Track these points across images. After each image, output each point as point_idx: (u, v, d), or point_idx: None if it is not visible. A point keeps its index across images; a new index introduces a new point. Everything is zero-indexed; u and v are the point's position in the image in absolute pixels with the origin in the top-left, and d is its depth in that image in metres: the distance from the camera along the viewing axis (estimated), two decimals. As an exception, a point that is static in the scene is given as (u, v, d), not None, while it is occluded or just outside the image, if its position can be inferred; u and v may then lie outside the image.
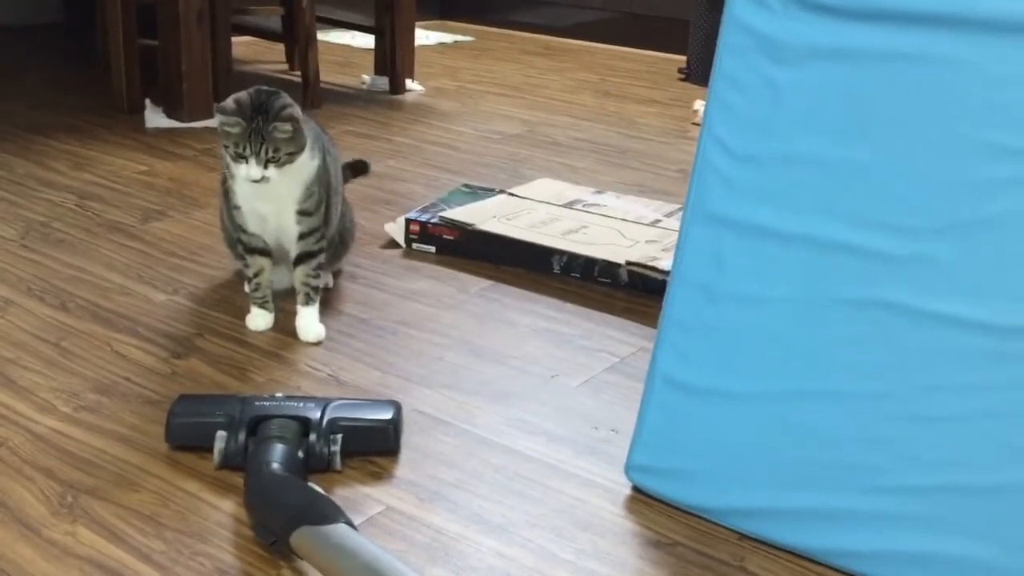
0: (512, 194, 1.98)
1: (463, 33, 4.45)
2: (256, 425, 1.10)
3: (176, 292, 1.57)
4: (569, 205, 1.94)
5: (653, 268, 1.63)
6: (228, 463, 1.10)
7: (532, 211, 1.88)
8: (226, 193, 1.45)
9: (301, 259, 1.46)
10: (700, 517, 1.07)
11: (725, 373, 1.06)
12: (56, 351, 1.36)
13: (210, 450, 1.11)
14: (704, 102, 3.22)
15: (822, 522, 0.99)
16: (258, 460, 1.03)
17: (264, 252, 1.46)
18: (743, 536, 1.04)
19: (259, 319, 1.46)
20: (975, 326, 0.95)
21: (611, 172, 2.35)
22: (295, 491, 0.98)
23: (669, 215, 1.92)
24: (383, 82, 3.10)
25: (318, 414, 1.12)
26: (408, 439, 1.19)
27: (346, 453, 1.12)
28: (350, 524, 0.92)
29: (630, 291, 1.65)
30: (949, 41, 0.97)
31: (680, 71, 3.64)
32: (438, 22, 4.71)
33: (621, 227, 1.82)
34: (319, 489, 1.00)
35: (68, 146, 2.33)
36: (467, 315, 1.55)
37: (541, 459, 1.17)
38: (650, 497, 1.10)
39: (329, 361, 1.38)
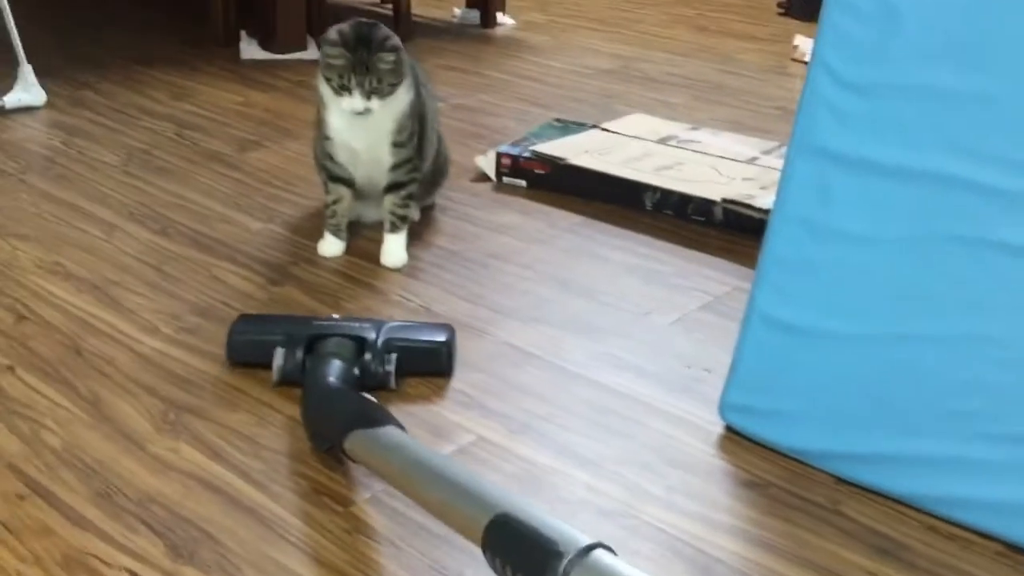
0: (604, 129, 1.94)
1: (555, -34, 4.35)
2: (313, 343, 1.12)
3: (271, 220, 1.59)
4: (663, 141, 1.89)
5: (750, 206, 1.58)
6: (286, 379, 1.11)
7: (625, 146, 1.84)
8: (319, 123, 1.45)
9: (391, 188, 1.47)
10: (795, 459, 1.04)
11: (827, 312, 1.02)
12: (158, 275, 1.40)
13: (271, 367, 1.12)
14: (804, 38, 3.09)
15: (926, 468, 0.96)
16: (314, 375, 1.05)
17: (347, 183, 1.47)
18: (839, 480, 1.01)
19: (331, 246, 1.48)
20: (1103, 270, 0.89)
21: (706, 109, 2.28)
22: (347, 400, 1.00)
23: (767, 152, 1.85)
24: (474, 15, 3.06)
25: (374, 334, 1.13)
26: (498, 371, 1.19)
27: (400, 373, 1.13)
28: (400, 427, 0.94)
29: (725, 229, 1.61)
30: (1092, -39, 0.90)
31: (779, 5, 3.50)
32: (530, -45, 4.62)
33: (717, 164, 1.77)
34: (372, 398, 1.01)
35: (168, 77, 2.37)
36: (557, 250, 1.54)
37: (631, 395, 1.16)
38: (743, 437, 1.08)
39: (420, 292, 1.38)
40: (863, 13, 1.01)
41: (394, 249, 1.46)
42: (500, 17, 3.07)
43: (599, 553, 0.70)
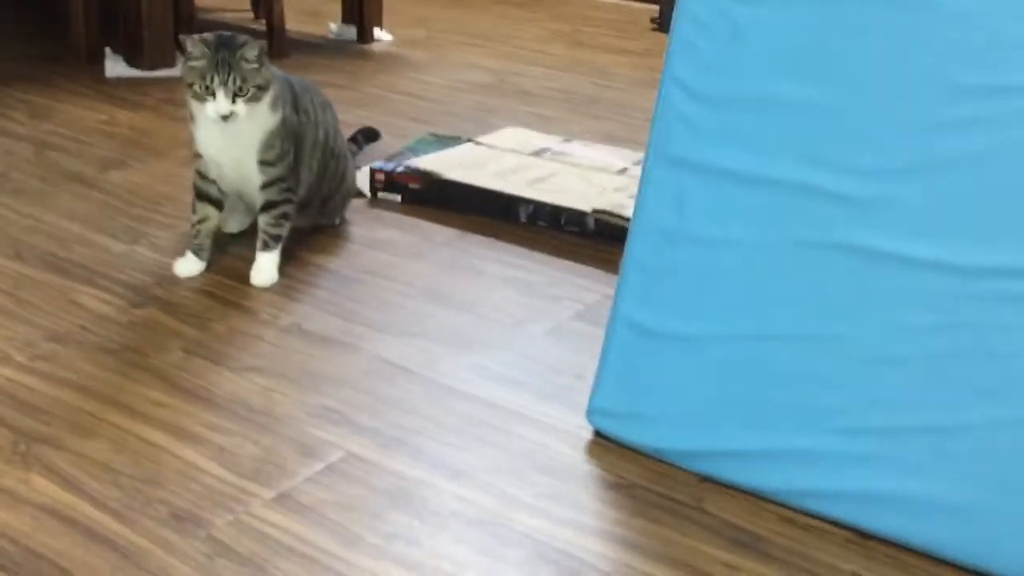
0: (479, 143, 1.96)
1: (434, -18, 4.36)
2: None
3: (136, 242, 1.54)
4: (537, 154, 1.92)
5: (620, 216, 1.62)
6: None
7: (499, 160, 1.86)
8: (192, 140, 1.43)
9: (264, 208, 1.45)
10: (661, 460, 1.07)
11: (685, 316, 1.05)
12: (11, 300, 1.34)
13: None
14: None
15: (781, 463, 1.00)
16: None
17: (215, 202, 1.45)
18: (703, 478, 1.04)
19: (188, 264, 1.44)
20: (938, 267, 0.95)
21: (581, 122, 2.33)
22: None
23: (637, 163, 1.90)
24: (351, 31, 3.04)
25: None
26: (370, 386, 1.19)
27: None
28: None
29: (597, 239, 1.64)
30: (912, -22, 0.95)
31: (652, 21, 3.60)
32: (409, -29, 4.62)
33: (588, 175, 1.81)
34: None
35: (26, 96, 2.27)
36: (432, 264, 1.54)
37: (504, 405, 1.17)
38: (611, 441, 1.10)
39: (292, 309, 1.36)
40: (708, 28, 1.05)
41: (265, 267, 1.44)
42: (378, 33, 3.06)
43: None
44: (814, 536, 0.97)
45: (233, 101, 1.34)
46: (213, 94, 1.34)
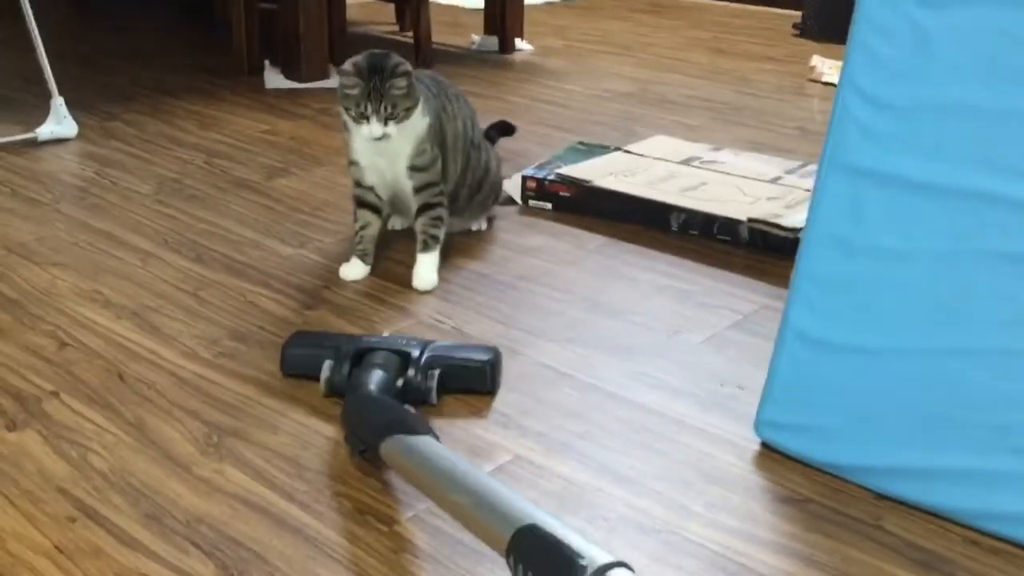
0: (628, 151, 1.96)
1: (570, -8, 4.39)
2: (360, 357, 1.16)
3: (302, 246, 1.62)
4: (686, 162, 1.91)
5: (776, 225, 1.60)
6: (334, 391, 1.16)
7: (649, 168, 1.86)
8: (347, 149, 1.50)
9: (420, 210, 1.50)
10: (833, 475, 1.05)
11: (863, 328, 1.03)
12: (195, 300, 1.42)
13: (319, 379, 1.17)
14: (821, 58, 3.11)
15: (965, 482, 0.96)
16: (357, 382, 1.11)
17: (374, 208, 1.52)
18: (879, 495, 1.02)
19: (353, 268, 1.50)
20: None
21: (726, 130, 2.30)
22: (386, 406, 1.04)
23: (790, 172, 1.87)
24: (493, 42, 3.10)
25: (419, 351, 1.18)
26: (533, 391, 1.21)
27: (443, 390, 1.17)
28: (435, 438, 0.97)
29: (750, 248, 1.62)
30: (1118, -22, 0.91)
31: (795, 27, 3.53)
32: (544, -19, 4.66)
33: (741, 184, 1.79)
34: (411, 409, 1.05)
35: (194, 106, 2.41)
36: (586, 271, 1.55)
37: (666, 413, 1.17)
38: (780, 454, 1.08)
39: (452, 314, 1.40)
40: (890, 33, 1.03)
41: (424, 272, 1.48)
42: (518, 43, 3.11)
43: (621, 572, 0.73)
44: (1003, 560, 0.93)
45: (385, 123, 1.40)
46: (367, 119, 1.40)
